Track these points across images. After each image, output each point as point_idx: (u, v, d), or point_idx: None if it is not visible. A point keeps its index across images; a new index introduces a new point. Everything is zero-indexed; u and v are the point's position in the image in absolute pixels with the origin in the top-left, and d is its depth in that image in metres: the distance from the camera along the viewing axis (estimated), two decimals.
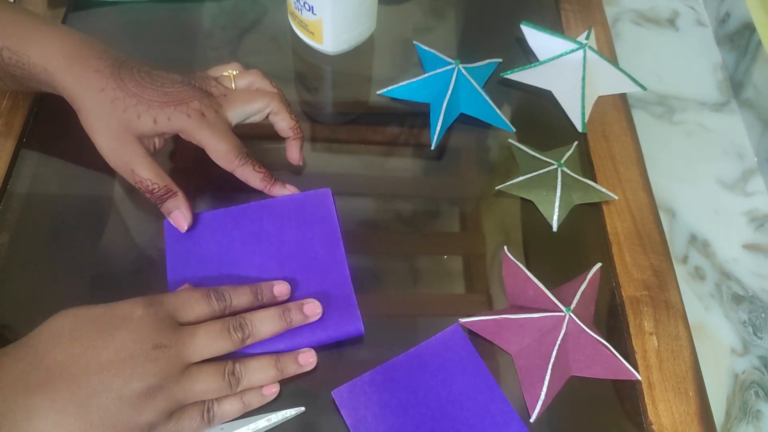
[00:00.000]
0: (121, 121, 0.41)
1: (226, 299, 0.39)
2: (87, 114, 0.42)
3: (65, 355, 0.34)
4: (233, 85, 0.47)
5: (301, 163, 0.49)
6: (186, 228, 0.44)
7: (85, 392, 0.34)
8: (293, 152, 0.49)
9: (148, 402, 0.35)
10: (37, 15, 0.45)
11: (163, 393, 0.35)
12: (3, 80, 0.46)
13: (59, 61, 0.42)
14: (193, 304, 0.38)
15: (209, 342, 0.37)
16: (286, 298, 0.42)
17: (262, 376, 0.39)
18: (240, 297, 0.40)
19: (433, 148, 0.52)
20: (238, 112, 0.45)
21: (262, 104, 0.46)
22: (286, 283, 0.42)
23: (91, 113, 0.42)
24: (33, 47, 0.42)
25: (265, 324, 0.39)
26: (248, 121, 0.47)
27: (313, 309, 0.41)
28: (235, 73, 0.47)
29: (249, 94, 0.46)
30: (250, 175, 0.45)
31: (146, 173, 0.42)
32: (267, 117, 0.47)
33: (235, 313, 0.40)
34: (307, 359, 0.41)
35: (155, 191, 0.43)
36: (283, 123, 0.47)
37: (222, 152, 0.43)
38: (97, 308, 0.37)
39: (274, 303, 0.42)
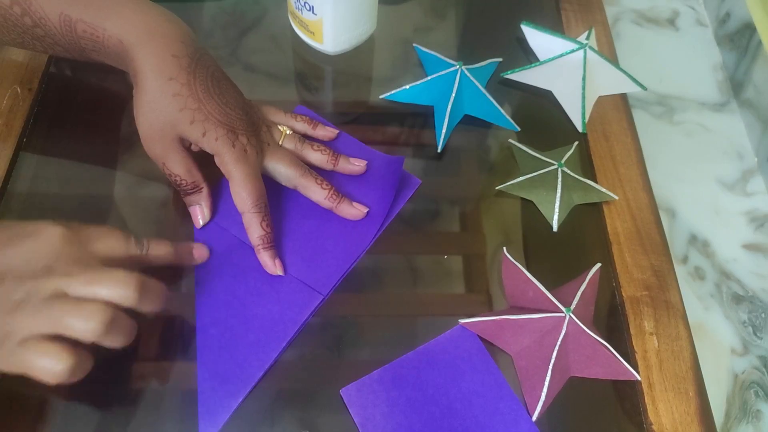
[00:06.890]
0: (173, 117, 0.40)
1: (144, 246, 0.39)
2: (144, 95, 0.40)
3: None
4: (280, 142, 0.47)
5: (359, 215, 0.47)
6: (201, 224, 0.45)
7: None
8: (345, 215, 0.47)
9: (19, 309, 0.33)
10: None
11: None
12: (71, 52, 0.44)
13: (138, 35, 0.40)
14: (110, 241, 0.38)
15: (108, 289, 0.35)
16: (202, 261, 0.44)
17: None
18: (158, 248, 0.40)
19: (439, 150, 0.52)
20: (270, 168, 0.45)
21: (292, 176, 0.45)
22: (205, 247, 0.44)
23: (149, 96, 0.40)
24: (111, 19, 0.40)
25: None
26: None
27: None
28: (287, 132, 0.47)
29: (287, 160, 0.45)
30: (251, 228, 0.43)
31: (177, 169, 0.43)
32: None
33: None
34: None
35: (182, 186, 0.43)
36: (315, 196, 0.46)
37: (242, 195, 0.42)
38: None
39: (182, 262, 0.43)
